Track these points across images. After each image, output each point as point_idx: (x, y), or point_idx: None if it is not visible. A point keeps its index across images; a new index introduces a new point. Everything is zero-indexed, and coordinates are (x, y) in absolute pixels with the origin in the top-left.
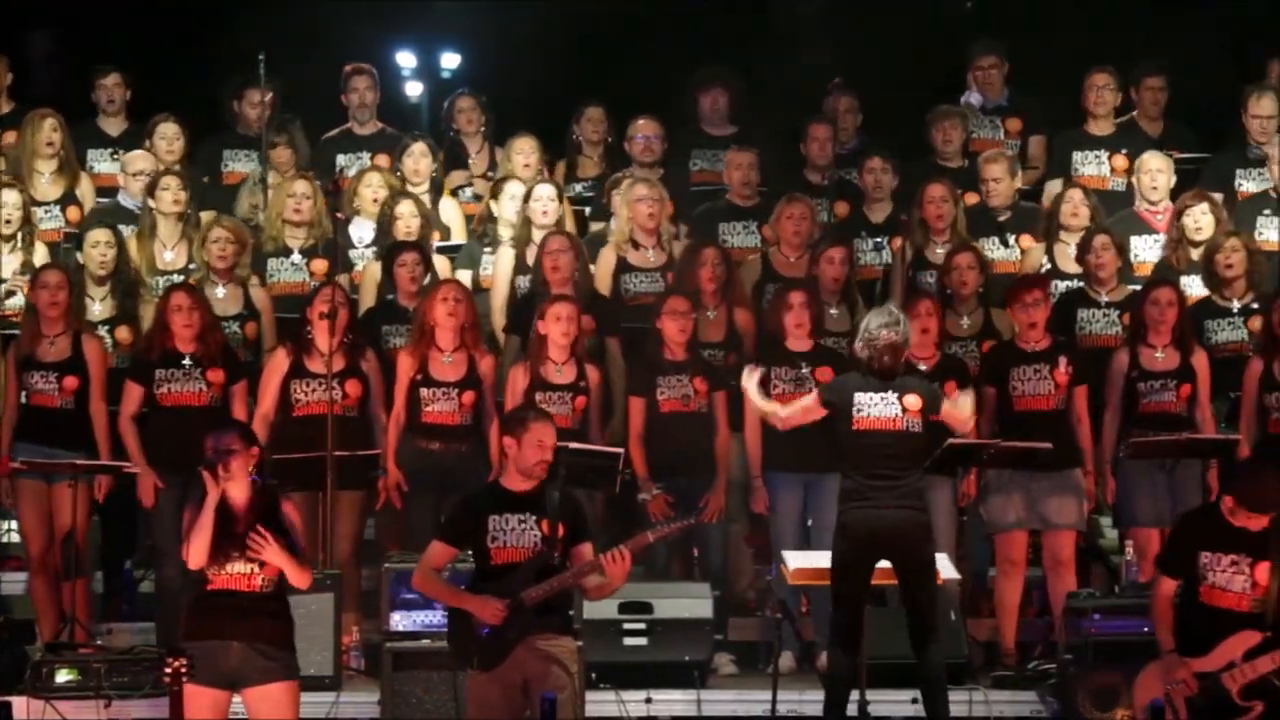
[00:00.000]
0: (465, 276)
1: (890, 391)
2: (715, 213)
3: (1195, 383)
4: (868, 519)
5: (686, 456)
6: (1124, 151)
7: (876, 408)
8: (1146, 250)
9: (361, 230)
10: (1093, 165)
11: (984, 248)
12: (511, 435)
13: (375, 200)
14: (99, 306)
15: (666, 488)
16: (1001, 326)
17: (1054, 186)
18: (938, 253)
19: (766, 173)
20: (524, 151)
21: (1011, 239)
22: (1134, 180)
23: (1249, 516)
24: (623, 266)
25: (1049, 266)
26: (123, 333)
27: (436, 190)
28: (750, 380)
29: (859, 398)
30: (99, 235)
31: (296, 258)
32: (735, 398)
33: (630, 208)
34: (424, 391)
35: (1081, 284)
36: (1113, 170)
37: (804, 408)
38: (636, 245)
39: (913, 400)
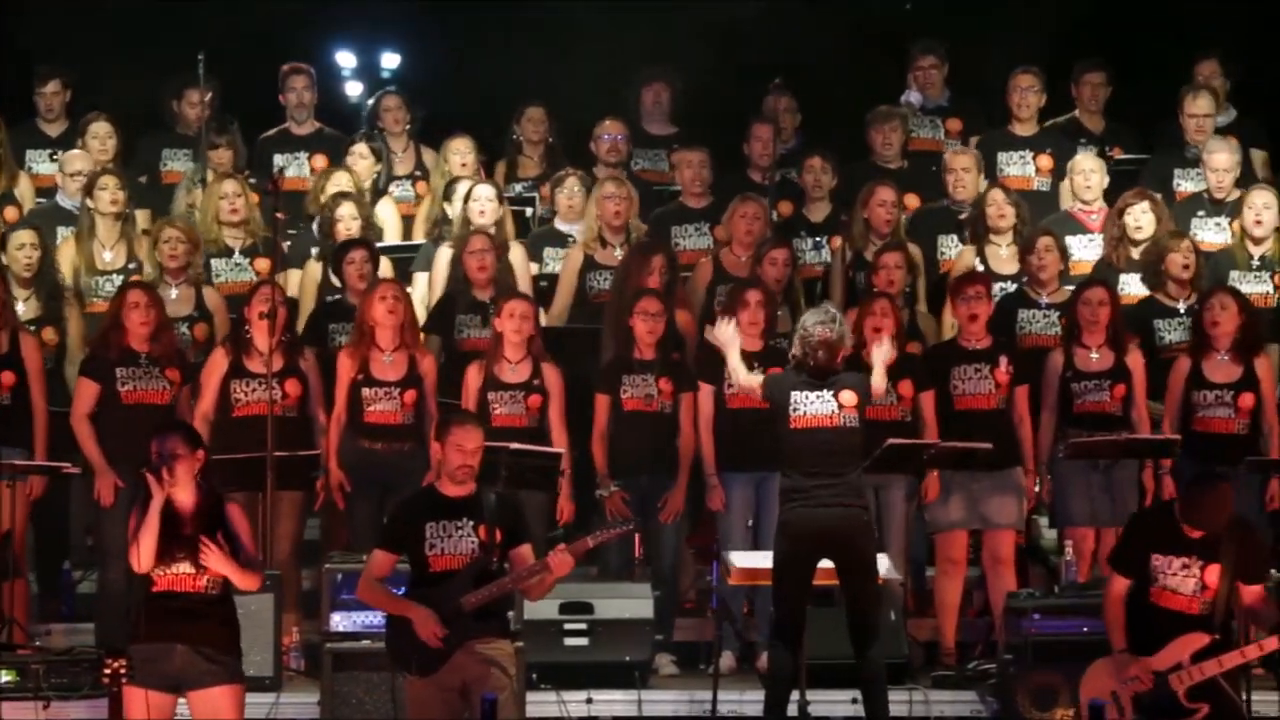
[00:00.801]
0: (423, 278)
1: (826, 389)
2: (667, 215)
3: (1130, 382)
4: (808, 517)
5: (647, 456)
6: (1048, 152)
7: (813, 405)
8: (1081, 250)
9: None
10: (1017, 166)
11: (942, 245)
12: (437, 439)
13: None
14: (23, 307)
15: (625, 486)
16: (925, 328)
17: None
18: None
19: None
20: (460, 151)
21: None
22: (1068, 180)
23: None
24: (588, 264)
25: (982, 268)
26: (48, 334)
27: (377, 192)
28: (724, 331)
29: (795, 396)
30: (23, 237)
31: (239, 258)
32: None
33: (599, 205)
34: (365, 391)
35: (1019, 285)
36: (1037, 171)
37: (752, 386)
38: (604, 243)
39: (848, 396)
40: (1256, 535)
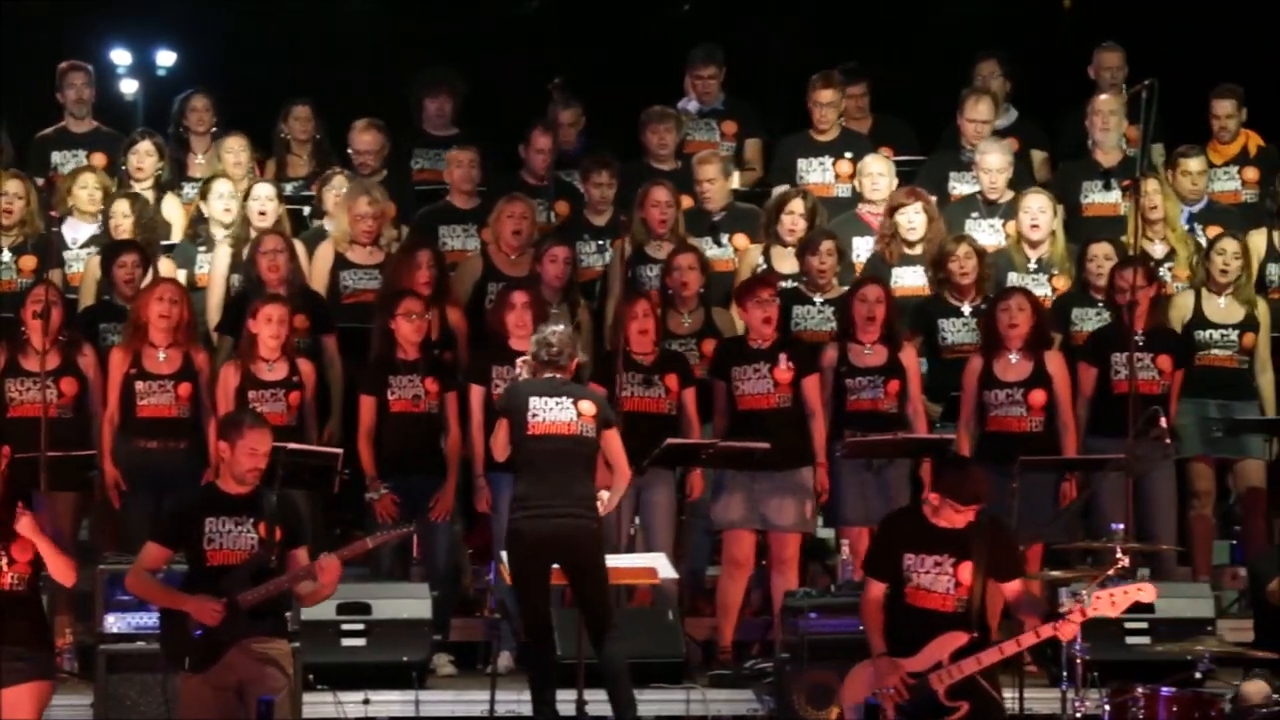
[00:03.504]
0: (180, 276)
1: (565, 396)
2: (434, 215)
3: (904, 379)
4: (536, 529)
5: (416, 456)
6: (848, 156)
7: (551, 412)
8: (868, 251)
9: (75, 231)
10: (818, 172)
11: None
12: (226, 440)
13: (91, 200)
14: None
15: (395, 487)
16: (722, 324)
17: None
18: (663, 250)
19: (484, 173)
20: (233, 150)
21: (725, 239)
22: (856, 183)
23: (953, 513)
24: (341, 263)
25: (765, 267)
26: None
27: (161, 188)
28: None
29: (534, 402)
30: None
31: (6, 255)
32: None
33: (350, 220)
34: (139, 385)
35: (795, 283)
36: (837, 176)
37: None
38: (355, 242)
39: (587, 406)
40: (1007, 533)
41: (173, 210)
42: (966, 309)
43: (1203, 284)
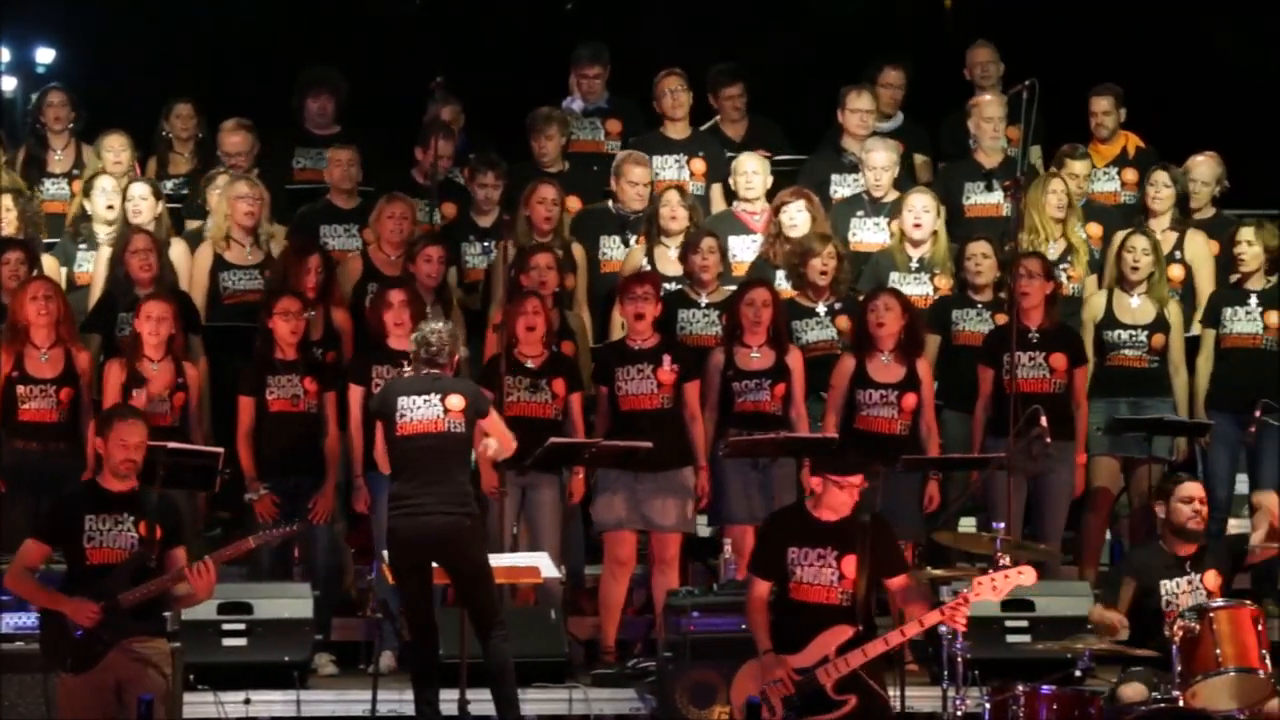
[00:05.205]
0: (60, 274)
1: (434, 393)
2: (315, 215)
3: (790, 382)
4: (412, 526)
5: (295, 456)
6: (701, 155)
7: (420, 410)
8: (744, 250)
9: None
10: (672, 169)
11: (605, 246)
12: (99, 435)
13: None
14: None
15: (274, 487)
16: (575, 326)
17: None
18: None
19: (371, 172)
20: (114, 149)
21: (633, 239)
22: (730, 181)
23: (837, 491)
24: (220, 264)
25: (649, 268)
26: None
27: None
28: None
29: (403, 402)
30: None
31: None
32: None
33: (230, 205)
34: (20, 389)
35: (680, 285)
36: (691, 175)
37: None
38: (232, 242)
39: (455, 401)
40: (888, 529)
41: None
42: (821, 309)
43: (1115, 283)
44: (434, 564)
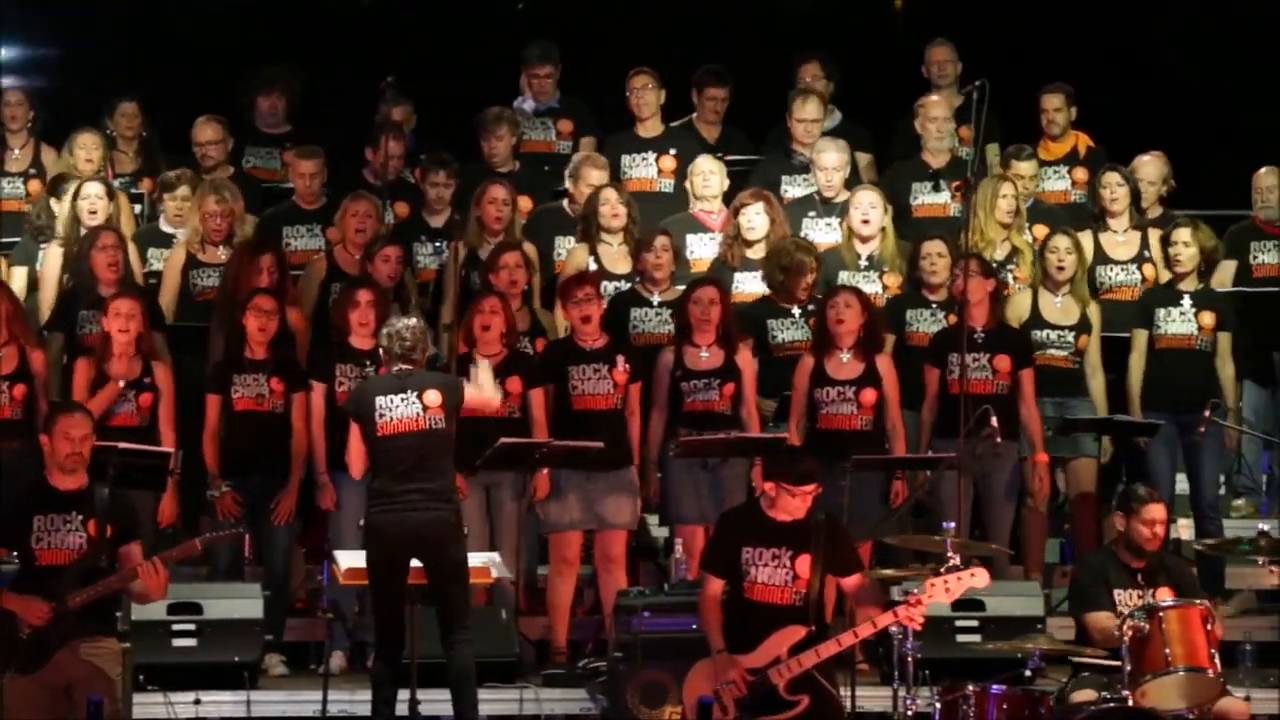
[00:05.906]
0: (21, 273)
1: (409, 391)
2: (279, 215)
3: (739, 381)
4: (396, 522)
5: (258, 456)
6: (672, 153)
7: (398, 409)
8: (702, 248)
9: None
10: (641, 167)
11: (559, 246)
12: (44, 431)
13: None
14: None
15: (237, 486)
16: (546, 324)
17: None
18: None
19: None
20: (86, 147)
21: (570, 239)
22: (688, 182)
23: (789, 498)
24: (192, 263)
25: (595, 267)
26: None
27: None
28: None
29: (380, 401)
30: None
31: None
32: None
33: (200, 219)
34: None
35: (631, 284)
36: (660, 172)
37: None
38: (205, 242)
39: (432, 396)
40: (842, 529)
41: None
42: (796, 310)
43: (1040, 283)
44: (411, 562)
